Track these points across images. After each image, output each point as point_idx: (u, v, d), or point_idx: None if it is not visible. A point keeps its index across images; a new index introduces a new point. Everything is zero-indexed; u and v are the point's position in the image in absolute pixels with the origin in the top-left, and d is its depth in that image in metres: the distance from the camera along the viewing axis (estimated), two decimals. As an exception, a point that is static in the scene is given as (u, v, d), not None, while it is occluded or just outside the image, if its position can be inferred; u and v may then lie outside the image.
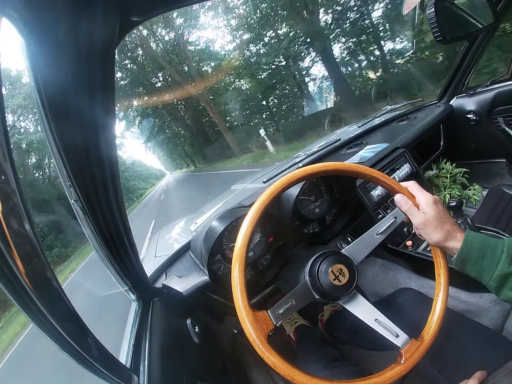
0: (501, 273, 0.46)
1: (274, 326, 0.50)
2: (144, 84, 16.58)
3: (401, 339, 0.52)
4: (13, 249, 0.29)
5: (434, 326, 0.54)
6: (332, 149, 1.39)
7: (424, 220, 0.54)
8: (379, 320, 0.54)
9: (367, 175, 0.60)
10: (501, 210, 1.12)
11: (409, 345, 0.52)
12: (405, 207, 0.57)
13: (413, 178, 1.18)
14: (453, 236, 0.52)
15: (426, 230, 0.54)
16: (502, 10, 1.07)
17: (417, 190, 0.57)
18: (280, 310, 0.51)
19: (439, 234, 0.52)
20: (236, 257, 0.51)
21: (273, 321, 0.50)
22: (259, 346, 0.47)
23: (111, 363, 0.48)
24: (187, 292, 0.80)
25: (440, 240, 0.53)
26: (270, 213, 0.80)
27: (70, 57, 0.33)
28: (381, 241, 0.60)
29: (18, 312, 0.94)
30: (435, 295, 0.58)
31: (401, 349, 0.52)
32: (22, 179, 13.32)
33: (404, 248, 1.02)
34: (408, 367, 0.50)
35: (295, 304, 0.53)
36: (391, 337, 0.52)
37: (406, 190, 0.59)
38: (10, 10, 0.27)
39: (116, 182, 0.48)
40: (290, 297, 0.54)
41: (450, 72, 1.42)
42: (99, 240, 0.53)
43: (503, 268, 0.45)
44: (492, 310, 0.83)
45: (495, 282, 0.46)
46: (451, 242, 0.52)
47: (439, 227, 0.52)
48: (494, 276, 0.46)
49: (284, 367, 0.46)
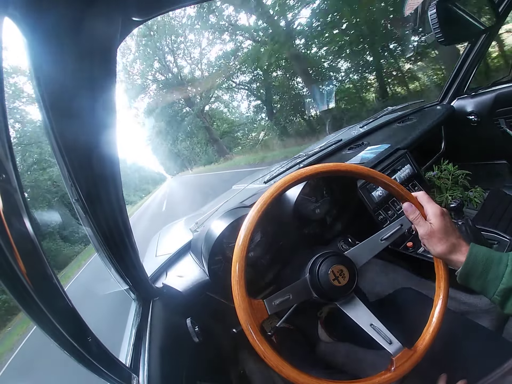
0: (506, 287, 0.45)
1: (268, 316, 0.50)
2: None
3: (393, 347, 0.52)
4: (14, 248, 0.29)
5: (428, 338, 0.54)
6: (333, 149, 1.39)
7: (429, 231, 0.53)
8: (374, 325, 0.53)
9: (378, 180, 0.60)
10: (501, 211, 1.12)
11: (401, 353, 0.52)
12: (412, 216, 0.57)
13: (414, 179, 1.18)
14: (457, 249, 0.52)
15: (430, 241, 0.54)
16: (504, 12, 1.07)
17: (426, 201, 0.57)
18: (276, 301, 0.52)
19: (444, 246, 0.52)
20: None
21: (268, 310, 0.50)
22: (251, 333, 0.47)
23: (111, 362, 0.48)
24: (187, 292, 0.80)
25: (444, 252, 0.52)
26: (271, 214, 0.80)
27: (72, 56, 0.33)
28: (385, 247, 0.60)
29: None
30: (433, 305, 0.57)
31: (393, 356, 0.52)
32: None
33: (405, 249, 1.02)
34: (397, 375, 0.50)
35: (292, 299, 0.53)
36: (384, 344, 0.52)
37: (415, 199, 0.59)
38: (13, 9, 0.27)
39: (117, 181, 0.48)
40: (288, 291, 0.54)
41: (452, 73, 1.42)
42: (99, 239, 0.53)
43: (507, 282, 0.45)
44: (492, 311, 0.83)
45: (500, 296, 0.46)
46: (455, 255, 0.52)
47: (444, 239, 0.52)
48: (498, 290, 0.46)
49: (274, 358, 0.46)
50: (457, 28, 0.94)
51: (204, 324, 0.82)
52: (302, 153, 1.39)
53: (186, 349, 0.73)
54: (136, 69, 16.58)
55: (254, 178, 1.35)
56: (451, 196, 1.26)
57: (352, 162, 1.21)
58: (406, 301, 0.80)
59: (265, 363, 0.47)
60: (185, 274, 0.87)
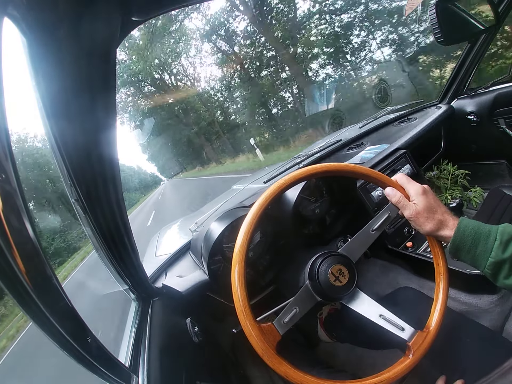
0: (495, 260, 0.45)
1: (280, 337, 0.50)
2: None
3: (407, 333, 0.52)
4: (13, 248, 0.29)
5: (438, 315, 0.54)
6: (332, 149, 1.39)
7: (415, 211, 0.53)
8: (384, 315, 0.53)
9: (357, 173, 0.60)
10: (501, 211, 1.12)
11: (416, 337, 0.52)
12: (394, 199, 0.57)
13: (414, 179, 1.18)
14: (445, 225, 0.52)
15: (417, 221, 0.54)
16: (504, 12, 1.07)
17: (406, 182, 0.58)
18: (285, 319, 0.51)
19: (431, 223, 0.52)
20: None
21: (279, 332, 0.50)
22: (269, 359, 0.47)
23: (110, 363, 0.48)
24: (187, 292, 0.80)
25: (432, 230, 0.52)
26: (271, 214, 0.80)
27: (71, 56, 0.33)
28: (376, 237, 0.60)
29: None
30: (436, 284, 0.57)
31: (408, 342, 0.52)
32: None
33: (404, 249, 1.02)
34: (417, 359, 0.50)
35: (299, 311, 0.53)
36: (397, 331, 0.52)
37: (395, 183, 0.59)
38: (12, 10, 0.27)
39: (117, 181, 0.48)
40: (293, 304, 0.53)
41: (451, 73, 1.42)
42: (99, 239, 0.53)
43: (496, 255, 0.45)
44: (492, 311, 0.83)
45: (490, 270, 0.46)
46: (444, 231, 0.52)
47: (430, 217, 0.52)
48: (488, 263, 0.46)
49: (296, 375, 0.46)
50: (456, 28, 0.94)
51: (204, 324, 0.82)
52: (302, 153, 1.39)
53: (185, 350, 0.73)
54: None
55: (253, 178, 1.35)
56: (450, 196, 1.27)
57: (352, 162, 1.21)
58: (406, 300, 0.80)
59: (265, 363, 0.47)
60: (185, 274, 0.87)
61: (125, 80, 14.70)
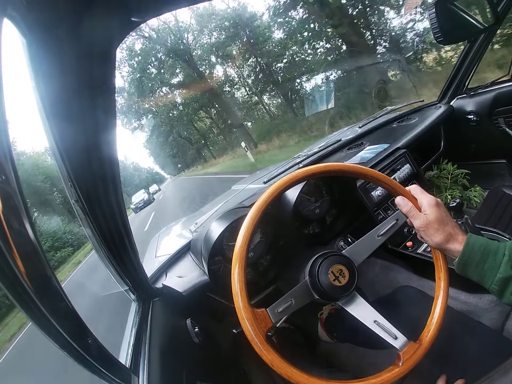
0: (503, 276, 0.45)
1: (272, 325, 0.50)
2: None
3: (399, 341, 0.52)
4: (13, 249, 0.29)
5: (433, 329, 0.54)
6: (332, 149, 1.39)
7: (425, 222, 0.53)
8: (378, 321, 0.53)
9: (369, 176, 0.60)
10: (501, 211, 1.12)
11: (408, 347, 0.52)
12: (405, 209, 0.57)
13: (413, 179, 1.18)
14: (454, 239, 0.52)
15: (427, 232, 0.54)
16: (503, 12, 1.07)
17: (420, 192, 0.57)
18: (279, 308, 0.51)
19: (440, 236, 0.52)
20: (236, 257, 0.51)
21: (271, 319, 0.50)
22: (257, 344, 0.47)
23: (111, 363, 0.48)
24: (187, 292, 0.80)
25: (441, 242, 0.52)
26: (271, 214, 0.80)
27: (71, 57, 0.33)
28: (381, 243, 0.60)
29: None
30: (435, 297, 0.57)
31: (400, 351, 0.52)
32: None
33: (405, 249, 1.02)
34: (406, 369, 0.50)
35: (294, 304, 0.53)
36: (390, 339, 0.52)
37: (407, 192, 0.59)
38: (12, 10, 0.27)
39: (117, 182, 0.48)
40: (290, 296, 0.54)
41: (451, 73, 1.42)
42: (99, 240, 0.53)
43: (504, 271, 0.45)
44: (492, 311, 0.83)
45: (497, 286, 0.46)
46: (452, 245, 0.52)
47: (440, 229, 0.52)
48: (496, 280, 0.46)
49: (282, 365, 0.46)
50: (456, 28, 0.94)
51: (204, 325, 0.82)
52: (302, 153, 1.39)
53: (186, 350, 0.73)
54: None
55: (253, 179, 1.35)
56: (450, 196, 1.27)
57: (352, 162, 1.21)
58: (407, 299, 0.80)
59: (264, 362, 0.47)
60: (185, 275, 0.87)
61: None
